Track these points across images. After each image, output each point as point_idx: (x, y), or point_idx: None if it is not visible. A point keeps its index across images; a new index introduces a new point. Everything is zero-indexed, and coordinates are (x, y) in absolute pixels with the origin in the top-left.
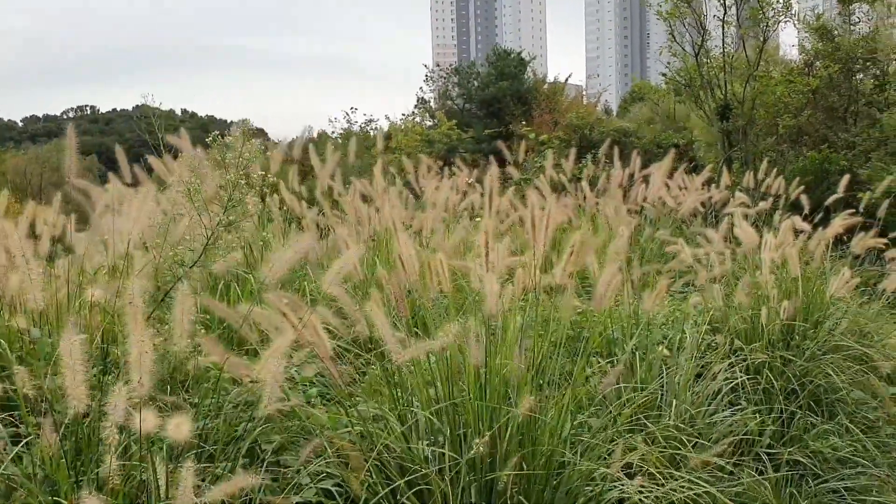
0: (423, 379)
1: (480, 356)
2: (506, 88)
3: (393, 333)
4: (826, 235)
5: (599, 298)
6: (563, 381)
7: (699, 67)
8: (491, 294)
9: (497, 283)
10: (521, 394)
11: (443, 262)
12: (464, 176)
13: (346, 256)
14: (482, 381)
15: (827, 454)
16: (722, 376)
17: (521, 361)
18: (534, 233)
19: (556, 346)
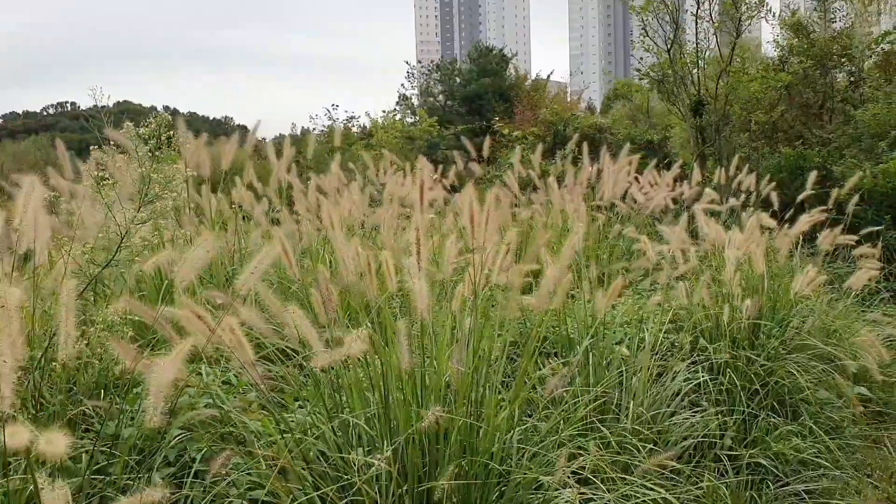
0: (358, 384)
1: (409, 360)
2: (487, 85)
3: (318, 337)
4: (792, 232)
5: (543, 298)
6: (513, 383)
7: (672, 63)
8: (420, 295)
9: (426, 283)
10: (460, 398)
11: (388, 260)
12: (428, 172)
13: (261, 255)
14: (416, 385)
15: (789, 456)
16: (683, 376)
17: (461, 364)
18: (472, 229)
19: (504, 347)
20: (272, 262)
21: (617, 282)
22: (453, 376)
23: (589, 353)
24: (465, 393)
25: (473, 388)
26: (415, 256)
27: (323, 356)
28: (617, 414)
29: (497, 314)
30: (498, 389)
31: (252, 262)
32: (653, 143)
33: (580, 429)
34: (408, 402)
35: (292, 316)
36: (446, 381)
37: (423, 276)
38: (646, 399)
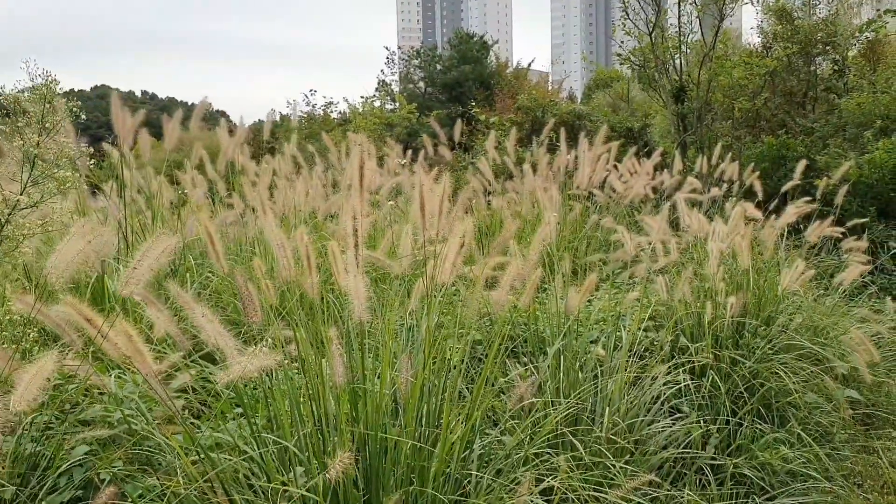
0: (282, 397)
1: (343, 372)
2: (468, 72)
3: (234, 345)
4: (779, 224)
5: (505, 292)
6: (478, 393)
7: (653, 47)
8: (357, 293)
9: (364, 280)
10: (409, 414)
11: (335, 252)
12: (395, 157)
13: (147, 248)
14: (358, 400)
15: (776, 466)
16: (662, 380)
17: (410, 373)
18: (423, 219)
19: (465, 350)
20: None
21: (591, 277)
22: (400, 388)
23: (561, 356)
24: (414, 408)
25: (426, 400)
26: (351, 248)
27: (232, 370)
28: (591, 422)
29: (458, 312)
30: (456, 398)
31: (137, 255)
32: (633, 130)
33: (550, 441)
34: (345, 421)
35: (201, 319)
36: (392, 395)
37: (360, 272)
38: (622, 405)
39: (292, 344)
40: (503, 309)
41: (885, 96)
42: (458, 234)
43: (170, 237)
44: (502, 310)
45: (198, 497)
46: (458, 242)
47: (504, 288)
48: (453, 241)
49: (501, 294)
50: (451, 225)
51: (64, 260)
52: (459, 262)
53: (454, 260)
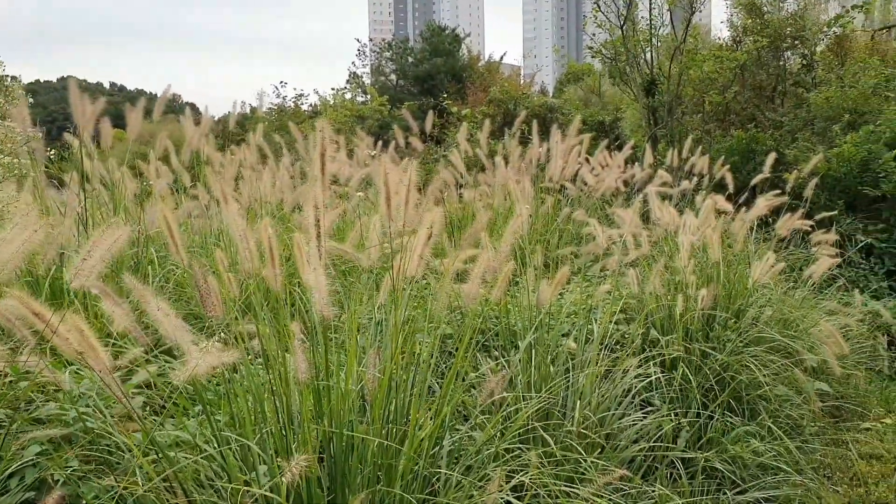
0: (244, 394)
1: (305, 368)
2: (440, 65)
3: (192, 340)
4: (749, 217)
5: (475, 285)
6: (447, 389)
7: (624, 40)
8: (318, 288)
9: (325, 275)
10: (375, 411)
11: (301, 244)
12: (363, 147)
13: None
14: (320, 397)
15: (747, 459)
16: (634, 373)
17: (376, 369)
18: (387, 207)
19: (434, 344)
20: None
21: (563, 271)
22: (367, 385)
23: (532, 350)
24: (380, 404)
25: (394, 396)
26: (313, 240)
27: (187, 367)
28: (563, 417)
29: (428, 306)
30: (426, 394)
31: (87, 245)
32: (604, 123)
33: (522, 436)
34: (308, 419)
35: (157, 313)
36: (359, 391)
37: (322, 265)
38: (594, 399)
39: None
40: (473, 302)
41: (852, 91)
42: (425, 225)
43: (121, 227)
44: (473, 303)
45: (156, 498)
46: (426, 234)
47: (474, 281)
48: (420, 232)
49: (472, 287)
50: (419, 216)
51: (7, 251)
52: (427, 255)
53: (421, 252)
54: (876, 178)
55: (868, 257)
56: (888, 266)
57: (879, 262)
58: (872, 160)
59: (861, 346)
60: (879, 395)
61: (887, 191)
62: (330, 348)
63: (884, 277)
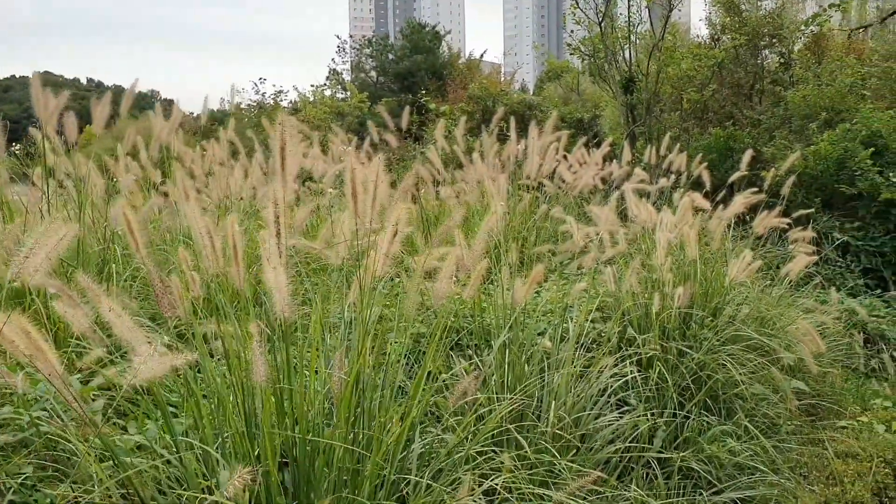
0: (207, 397)
1: (264, 371)
2: (420, 62)
3: (148, 341)
4: (727, 214)
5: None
6: (416, 390)
7: (603, 37)
8: (279, 288)
9: (285, 274)
10: (341, 415)
11: (265, 241)
12: (338, 144)
13: (40, 235)
14: (282, 400)
15: (723, 459)
16: (609, 372)
17: (342, 370)
18: (354, 204)
19: (403, 346)
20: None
21: (538, 269)
22: (333, 387)
23: (506, 349)
24: (346, 407)
25: (361, 398)
26: (273, 238)
27: (136, 371)
28: (538, 417)
29: (399, 305)
30: (396, 396)
31: (29, 242)
32: (582, 121)
33: (495, 437)
34: (269, 423)
35: (108, 314)
36: (326, 394)
37: (283, 263)
38: (569, 398)
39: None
40: (442, 301)
41: (829, 89)
42: (390, 222)
43: (67, 224)
44: (441, 302)
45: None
46: (391, 232)
47: (444, 279)
48: (387, 229)
49: (441, 285)
50: (392, 213)
51: None
52: (394, 253)
53: (387, 250)
54: (852, 176)
55: (844, 255)
56: (864, 264)
57: (856, 260)
58: (849, 158)
59: (837, 343)
60: (855, 392)
61: (863, 189)
62: (294, 349)
63: (860, 275)
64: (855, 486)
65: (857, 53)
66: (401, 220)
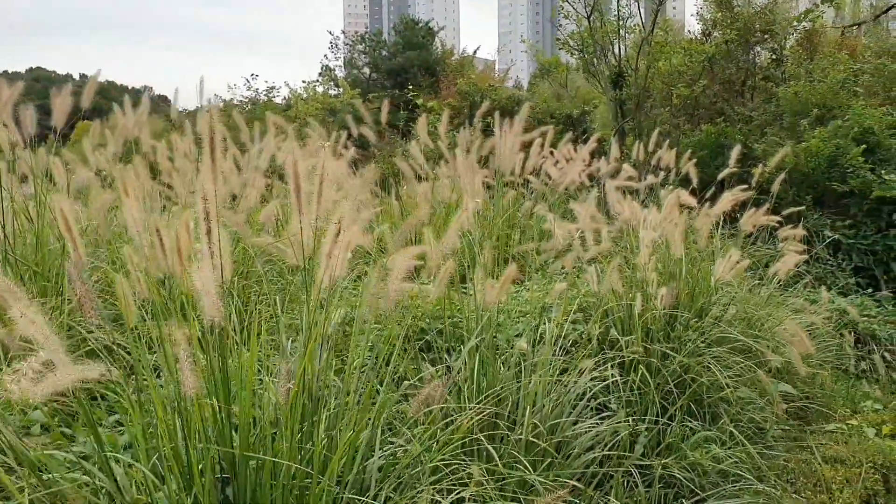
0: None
1: (193, 382)
2: (413, 58)
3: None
4: (714, 212)
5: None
6: (368, 399)
7: (592, 31)
8: (206, 291)
9: (215, 274)
10: (286, 428)
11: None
12: (315, 138)
13: None
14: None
15: (707, 466)
16: (590, 376)
17: (290, 381)
18: (297, 199)
19: (363, 350)
20: None
21: (510, 269)
22: (279, 401)
23: (477, 352)
24: (294, 419)
25: (309, 410)
26: (203, 236)
27: (43, 385)
28: (512, 423)
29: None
30: (352, 405)
31: None
32: (571, 117)
33: (465, 447)
34: (202, 439)
35: (19, 319)
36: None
37: (215, 264)
38: (547, 403)
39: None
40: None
41: (821, 85)
42: (335, 219)
43: None
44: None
45: None
46: (335, 229)
47: (395, 279)
48: (329, 229)
49: (393, 285)
50: (339, 207)
51: None
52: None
53: (329, 250)
54: (844, 173)
55: (836, 254)
56: (856, 262)
57: (847, 259)
58: (840, 155)
59: (827, 344)
60: (846, 394)
61: (855, 186)
62: (234, 358)
63: (851, 274)
64: (843, 493)
65: (849, 50)
66: (346, 217)
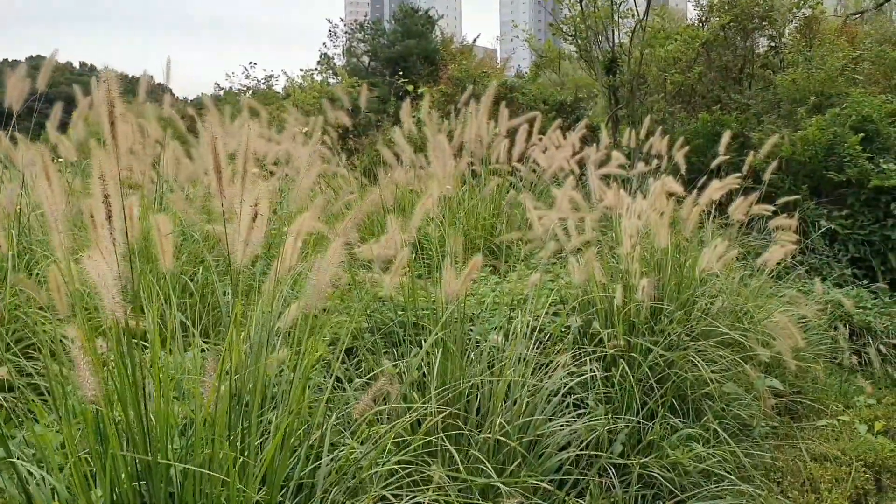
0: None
1: (93, 384)
2: (413, 47)
3: None
4: (703, 200)
5: (319, 283)
6: (298, 399)
7: (584, 16)
8: (104, 284)
9: (112, 264)
10: (220, 434)
11: (161, 227)
12: (293, 123)
13: None
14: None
15: (688, 466)
16: (566, 371)
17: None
18: (218, 181)
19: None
20: None
21: (475, 260)
22: (206, 407)
23: (438, 347)
24: (213, 425)
25: (237, 412)
26: (103, 222)
27: None
28: (482, 421)
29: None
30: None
31: None
32: (565, 104)
33: (429, 448)
34: (102, 445)
35: None
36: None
37: (116, 254)
38: (520, 399)
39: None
40: (321, 297)
41: (819, 72)
42: (251, 201)
43: None
44: (320, 299)
45: None
46: (252, 213)
47: (323, 271)
48: (243, 210)
49: (320, 277)
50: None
51: None
52: (256, 238)
53: (246, 236)
54: (841, 162)
55: (832, 244)
56: (852, 253)
57: (843, 249)
58: (838, 144)
59: (821, 337)
60: (838, 389)
61: (852, 176)
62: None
63: (847, 265)
64: (832, 493)
65: (849, 37)
66: (261, 199)
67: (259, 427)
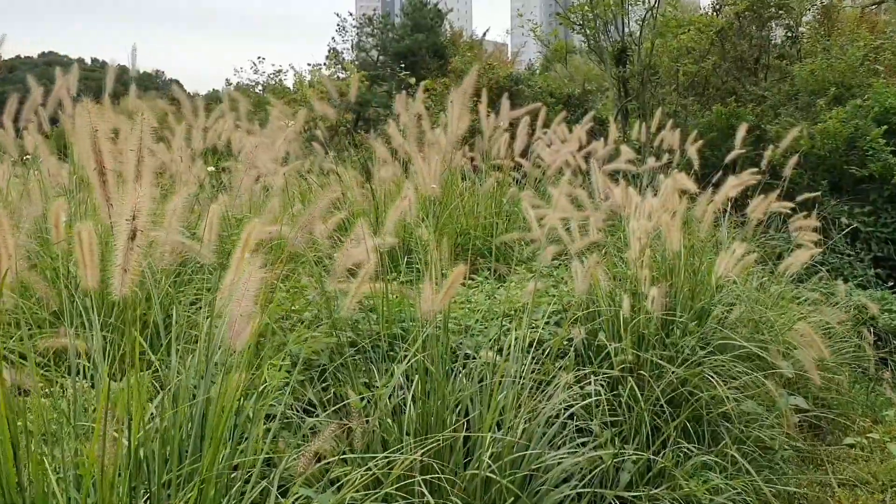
0: None
1: None
2: (422, 41)
3: None
4: (718, 198)
5: (248, 292)
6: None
7: (592, 4)
8: None
9: None
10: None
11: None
12: (279, 117)
13: None
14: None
15: (703, 499)
16: (566, 393)
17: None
18: (102, 184)
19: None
20: None
21: (458, 269)
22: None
23: (416, 371)
24: (116, 484)
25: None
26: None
27: None
28: (467, 452)
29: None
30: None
31: None
32: (572, 96)
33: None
34: None
35: None
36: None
37: None
38: (515, 426)
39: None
40: (248, 309)
41: (839, 62)
42: (126, 215)
43: None
44: (246, 310)
45: None
46: (131, 228)
47: (250, 280)
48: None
49: (250, 283)
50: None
51: None
52: (134, 263)
53: (124, 259)
54: (863, 156)
55: (853, 243)
56: (875, 252)
57: (865, 248)
58: (859, 137)
59: (845, 343)
60: (864, 400)
61: (875, 170)
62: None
63: (870, 265)
64: None
65: (869, 26)
66: (141, 208)
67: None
